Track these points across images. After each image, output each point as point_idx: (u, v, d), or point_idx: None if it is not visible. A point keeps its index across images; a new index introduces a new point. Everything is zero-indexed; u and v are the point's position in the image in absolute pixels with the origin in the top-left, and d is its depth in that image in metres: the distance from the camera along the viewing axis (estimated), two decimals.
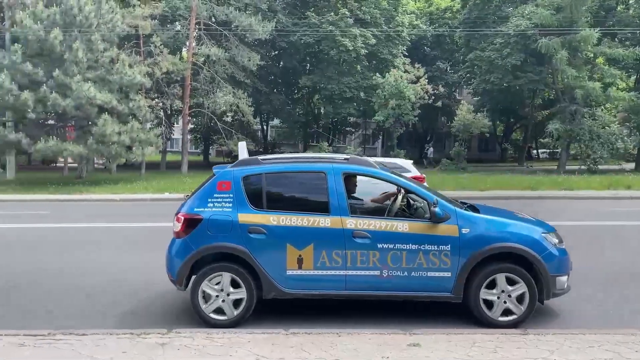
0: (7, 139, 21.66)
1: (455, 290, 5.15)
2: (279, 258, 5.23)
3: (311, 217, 5.26)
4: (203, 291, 5.23)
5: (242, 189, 5.42)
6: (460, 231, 5.14)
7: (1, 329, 5.03)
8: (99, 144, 22.40)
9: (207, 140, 41.60)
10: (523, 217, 5.77)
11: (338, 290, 5.26)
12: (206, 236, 5.29)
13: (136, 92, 25.27)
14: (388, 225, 5.23)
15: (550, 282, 5.12)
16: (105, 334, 4.83)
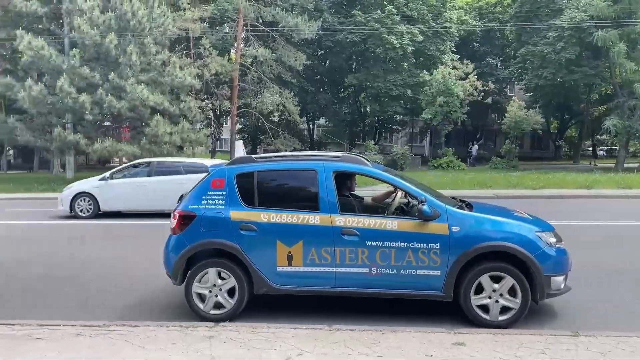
0: (66, 140, 22.73)
1: (446, 288, 5.08)
2: (269, 255, 5.30)
3: (301, 215, 5.31)
4: (200, 282, 5.37)
5: (235, 186, 5.50)
6: (450, 229, 5.07)
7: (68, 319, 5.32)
8: (152, 144, 23.16)
9: (255, 139, 42.24)
10: (519, 216, 5.62)
11: (328, 287, 5.30)
12: (199, 233, 5.41)
13: (186, 94, 25.97)
14: (377, 223, 5.21)
15: (544, 282, 4.98)
16: (156, 326, 5.01)
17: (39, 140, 24.10)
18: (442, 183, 20.47)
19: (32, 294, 6.58)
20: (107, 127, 26.22)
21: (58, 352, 4.38)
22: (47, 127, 24.80)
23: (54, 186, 22.87)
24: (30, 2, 23.76)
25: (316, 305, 5.67)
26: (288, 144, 31.61)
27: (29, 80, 22.01)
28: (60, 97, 21.83)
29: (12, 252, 9.21)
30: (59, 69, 22.13)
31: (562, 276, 5.17)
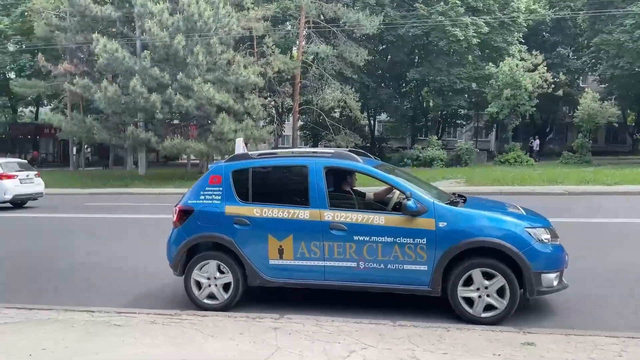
0: (139, 138, 23.88)
1: (433, 284, 5.09)
2: (261, 248, 5.49)
3: (291, 210, 5.45)
4: (200, 275, 5.63)
5: (231, 182, 5.71)
6: (437, 224, 5.06)
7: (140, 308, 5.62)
8: (218, 141, 23.87)
9: (316, 136, 42.52)
10: (511, 211, 5.50)
11: (317, 280, 5.43)
12: (197, 226, 5.67)
13: (250, 92, 26.54)
14: (364, 218, 5.28)
15: (533, 279, 4.88)
16: (224, 316, 5.19)
17: (113, 138, 25.45)
18: (509, 179, 19.80)
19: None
20: (176, 126, 27.28)
21: (134, 338, 4.63)
22: (121, 125, 26.12)
23: (127, 182, 24.14)
24: (105, 7, 25.11)
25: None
26: (349, 140, 31.61)
27: (104, 82, 23.27)
28: (132, 97, 22.93)
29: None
30: (132, 70, 23.23)
31: (555, 273, 5.06)
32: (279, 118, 33.96)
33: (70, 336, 4.70)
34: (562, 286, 5.17)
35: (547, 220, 5.54)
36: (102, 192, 21.42)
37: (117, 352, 4.29)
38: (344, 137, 31.62)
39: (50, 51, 29.55)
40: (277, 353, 4.19)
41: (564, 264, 5.24)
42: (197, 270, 5.65)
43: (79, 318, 5.22)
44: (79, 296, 6.42)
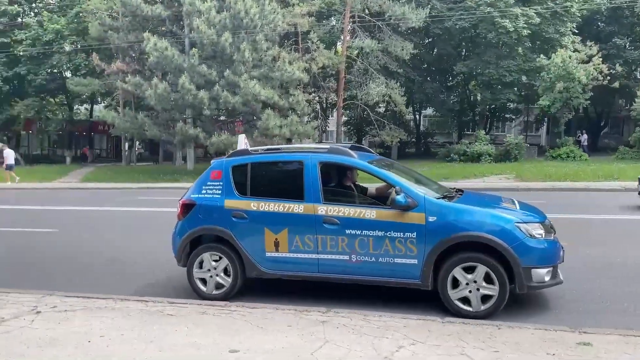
0: (187, 134, 24.47)
1: (423, 277, 5.17)
2: (258, 241, 5.70)
3: (286, 204, 5.63)
4: (200, 264, 5.91)
5: (231, 177, 5.95)
6: (427, 219, 5.14)
7: (189, 299, 5.79)
8: (263, 136, 24.15)
9: (360, 131, 42.35)
10: (505, 206, 5.54)
11: (312, 272, 5.61)
12: (198, 219, 5.95)
13: (295, 87, 26.70)
14: (356, 212, 5.40)
15: (523, 274, 4.92)
16: (272, 308, 5.26)
17: (163, 134, 26.18)
18: (561, 174, 19.15)
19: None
20: (223, 122, 27.79)
21: (187, 327, 4.77)
22: (170, 122, 26.82)
23: (176, 177, 24.79)
24: (155, 6, 25.79)
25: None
26: (394, 135, 31.32)
27: (154, 79, 23.95)
28: (181, 94, 23.49)
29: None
30: (181, 67, 23.79)
31: (546, 269, 5.04)
32: (323, 114, 34.05)
33: (126, 324, 4.88)
34: (555, 282, 5.17)
35: (542, 215, 5.55)
36: (153, 186, 22.08)
37: (170, 341, 4.42)
38: (389, 132, 31.35)
39: (103, 50, 30.60)
40: (326, 346, 4.22)
41: (557, 260, 5.22)
42: (199, 262, 5.92)
43: (134, 307, 5.42)
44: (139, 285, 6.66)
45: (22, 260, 8.38)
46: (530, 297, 5.62)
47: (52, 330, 4.74)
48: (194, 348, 4.26)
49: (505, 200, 5.93)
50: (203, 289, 5.90)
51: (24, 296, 5.83)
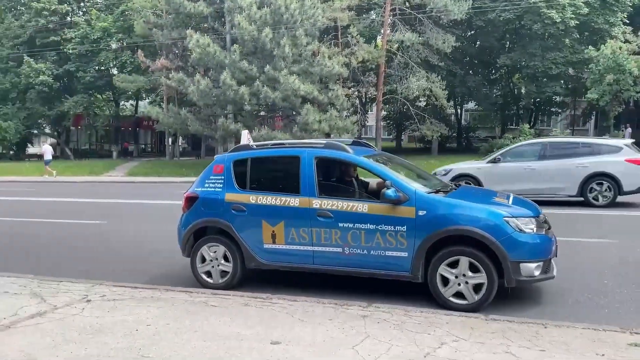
0: (228, 129, 24.84)
1: (413, 270, 5.26)
2: (256, 233, 5.88)
3: (283, 197, 5.79)
4: (202, 256, 6.17)
5: (232, 171, 6.15)
6: (417, 213, 5.22)
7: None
8: (302, 131, 24.25)
9: (400, 126, 41.98)
10: (495, 201, 5.58)
11: (307, 264, 5.77)
12: (200, 212, 6.18)
13: (334, 82, 26.67)
14: (349, 206, 5.51)
15: (510, 268, 4.95)
16: (313, 302, 5.29)
17: (205, 129, 26.66)
18: None
19: None
20: (263, 117, 28.06)
21: (230, 318, 4.86)
22: (212, 117, 27.29)
23: None
24: (197, 3, 26.23)
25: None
26: (434, 130, 30.89)
27: (197, 76, 24.40)
28: (223, 90, 23.86)
29: None
30: (222, 63, 24.14)
31: (536, 263, 5.06)
32: (362, 108, 33.88)
33: (171, 314, 5.01)
34: (546, 276, 5.21)
35: (536, 210, 5.57)
36: (194, 180, 22.53)
37: (214, 331, 4.52)
38: (429, 127, 30.93)
39: (148, 48, 31.40)
40: (367, 340, 4.22)
41: (549, 254, 5.23)
42: (201, 254, 6.18)
43: (178, 297, 5.56)
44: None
45: (72, 251, 8.72)
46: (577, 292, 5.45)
47: (102, 318, 4.91)
48: (236, 339, 4.33)
49: (500, 195, 5.97)
50: (207, 280, 6.17)
51: (75, 285, 6.07)
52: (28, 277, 6.45)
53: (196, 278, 6.25)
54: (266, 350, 4.08)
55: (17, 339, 4.40)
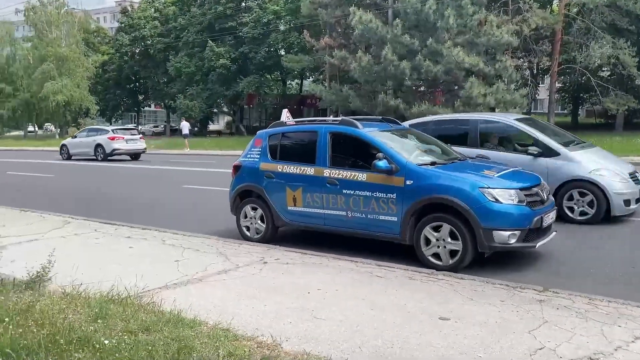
0: (388, 105, 24.84)
1: (402, 233, 5.88)
2: (282, 197, 6.85)
3: (302, 167, 6.69)
4: (245, 214, 7.30)
5: (267, 144, 7.22)
6: (405, 182, 5.79)
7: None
8: (465, 106, 23.26)
9: (577, 99, 37.94)
10: (480, 173, 5.91)
11: (320, 224, 6.68)
12: (243, 178, 7.37)
13: (502, 53, 24.99)
14: (351, 175, 6.25)
15: (483, 234, 5.37)
16: (482, 281, 5.07)
17: (365, 106, 27.00)
18: None
19: None
20: (423, 92, 27.49)
21: (395, 290, 4.88)
22: (372, 94, 27.52)
23: None
24: None
25: None
26: (620, 103, 27.31)
27: (359, 52, 24.70)
28: (383, 66, 23.87)
29: None
30: (384, 39, 24.10)
31: (510, 232, 5.42)
32: (533, 80, 31.28)
33: (338, 281, 5.21)
34: (524, 245, 5.60)
35: (527, 183, 5.92)
36: None
37: (379, 301, 4.58)
38: (614, 100, 27.42)
39: (313, 27, 32.60)
40: (545, 326, 3.92)
41: (526, 225, 5.53)
42: (244, 212, 7.30)
43: (344, 266, 5.74)
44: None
45: None
46: None
47: (277, 279, 5.29)
48: (402, 311, 4.34)
49: (495, 168, 6.24)
50: (248, 234, 7.29)
51: (253, 248, 6.62)
52: (214, 238, 7.21)
53: (239, 231, 7.39)
54: (435, 325, 4.03)
55: (207, 291, 4.96)
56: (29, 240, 7.15)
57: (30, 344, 3.34)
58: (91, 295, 4.53)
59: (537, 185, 6.00)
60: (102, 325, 3.82)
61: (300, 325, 4.05)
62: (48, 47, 47.00)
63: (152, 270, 5.60)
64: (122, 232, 7.68)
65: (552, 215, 6.03)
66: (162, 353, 3.30)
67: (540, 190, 5.95)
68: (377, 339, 3.76)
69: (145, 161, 23.52)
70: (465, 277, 5.25)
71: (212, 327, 3.91)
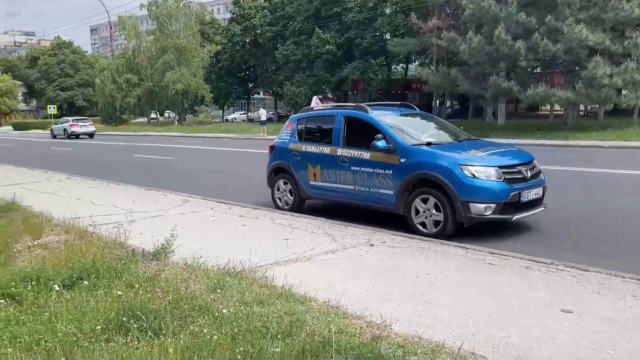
0: (500, 87, 23.54)
1: (397, 204, 6.69)
2: (305, 173, 7.91)
3: (321, 147, 7.71)
4: (277, 187, 8.47)
5: (296, 127, 8.32)
6: (400, 160, 6.61)
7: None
8: (588, 88, 21.43)
9: None
10: (467, 153, 6.61)
11: (335, 198, 7.69)
12: (276, 156, 8.51)
13: (633, 28, 22.58)
14: (358, 154, 7.11)
15: (460, 206, 6.11)
16: (609, 274, 4.65)
17: (475, 89, 25.83)
18: None
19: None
20: (539, 74, 25.70)
21: (510, 279, 4.63)
22: (482, 76, 26.25)
23: (486, 132, 24.37)
24: None
25: None
26: None
27: (469, 33, 23.61)
28: (496, 46, 22.61)
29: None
30: (497, 17, 22.82)
31: (485, 204, 6.10)
32: None
33: (449, 266, 5.05)
34: (500, 217, 6.25)
35: (513, 162, 6.54)
36: None
37: (493, 289, 4.37)
38: None
39: (420, 9, 31.71)
40: None
41: (502, 199, 6.13)
42: (277, 185, 8.47)
43: (454, 252, 5.56)
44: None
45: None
46: None
47: (384, 261, 5.25)
48: (519, 300, 4.11)
49: (485, 148, 7.02)
50: (279, 204, 8.43)
51: (359, 230, 6.63)
52: (320, 220, 7.33)
53: (273, 202, 8.54)
54: (556, 317, 3.76)
55: (316, 269, 5.05)
56: (153, 216, 7.77)
57: (157, 308, 3.61)
58: (209, 267, 4.80)
59: (524, 164, 6.60)
60: (220, 295, 4.04)
61: (409, 308, 3.98)
62: (168, 39, 50.40)
63: (263, 247, 5.81)
64: (235, 211, 8.07)
65: (535, 192, 6.53)
66: (275, 325, 3.41)
67: (526, 168, 6.52)
68: (493, 327, 3.59)
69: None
70: (590, 269, 4.84)
71: (321, 304, 3.97)
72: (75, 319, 3.47)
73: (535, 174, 6.68)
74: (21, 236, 6.06)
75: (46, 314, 3.58)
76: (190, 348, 3.04)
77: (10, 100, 77.48)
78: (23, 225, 6.62)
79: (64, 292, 4.01)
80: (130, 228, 6.39)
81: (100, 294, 3.93)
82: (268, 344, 3.08)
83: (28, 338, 3.24)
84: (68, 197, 9.60)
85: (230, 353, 2.97)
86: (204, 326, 3.36)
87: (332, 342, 3.11)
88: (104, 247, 5.41)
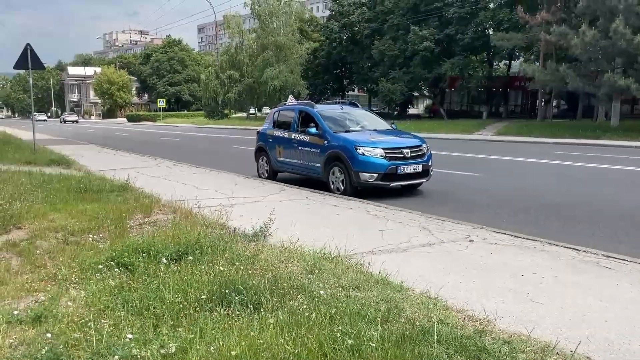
0: (616, 85, 21.71)
1: (323, 173, 9.47)
2: (274, 151, 10.83)
3: (284, 132, 10.60)
4: (259, 162, 11.56)
5: (273, 117, 11.33)
6: (324, 142, 9.39)
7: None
8: None
9: None
10: (367, 137, 9.25)
11: (291, 170, 10.57)
12: (259, 139, 11.52)
13: None
14: (302, 137, 9.94)
15: (354, 175, 8.76)
16: None
17: (586, 86, 24.03)
18: None
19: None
20: None
21: (630, 284, 4.23)
22: (594, 73, 24.35)
23: (598, 133, 22.60)
24: None
25: None
26: None
27: (583, 26, 21.99)
28: (612, 41, 20.86)
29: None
30: (615, 9, 21.04)
31: (369, 174, 8.69)
32: None
33: (557, 267, 4.71)
34: (380, 183, 8.78)
35: (399, 145, 9.02)
36: (571, 142, 20.78)
37: (609, 293, 4.00)
38: None
39: (526, 2, 30.02)
40: None
41: (382, 170, 8.68)
42: (259, 160, 11.54)
43: (564, 253, 5.18)
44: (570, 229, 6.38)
45: (460, 197, 9.24)
46: None
47: (485, 258, 5.01)
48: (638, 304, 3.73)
49: (384, 134, 9.68)
50: (260, 174, 11.36)
51: (458, 226, 6.39)
52: (416, 213, 7.17)
53: (257, 172, 11.45)
54: None
55: (412, 261, 4.92)
56: (252, 202, 8.02)
57: (257, 284, 3.70)
58: (306, 251, 4.85)
59: (409, 147, 9.01)
60: (316, 277, 4.05)
61: (514, 306, 3.75)
62: (269, 36, 51.93)
63: (358, 235, 5.78)
64: (329, 201, 8.13)
65: (413, 167, 8.89)
66: (372, 310, 3.35)
67: (408, 151, 8.93)
68: (610, 332, 3.29)
69: None
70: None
71: (419, 294, 3.85)
72: (181, 289, 3.64)
73: (418, 155, 9.04)
74: (133, 213, 6.51)
75: (155, 282, 3.79)
76: (289, 324, 3.07)
77: (126, 94, 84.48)
78: (135, 203, 7.09)
79: (171, 265, 4.23)
80: (230, 211, 6.64)
81: (204, 268, 4.09)
82: (366, 327, 3.03)
83: (139, 303, 3.44)
84: (174, 181, 10.20)
85: (329, 332, 2.95)
86: (302, 304, 3.38)
87: (432, 331, 3.00)
88: (207, 227, 5.65)
